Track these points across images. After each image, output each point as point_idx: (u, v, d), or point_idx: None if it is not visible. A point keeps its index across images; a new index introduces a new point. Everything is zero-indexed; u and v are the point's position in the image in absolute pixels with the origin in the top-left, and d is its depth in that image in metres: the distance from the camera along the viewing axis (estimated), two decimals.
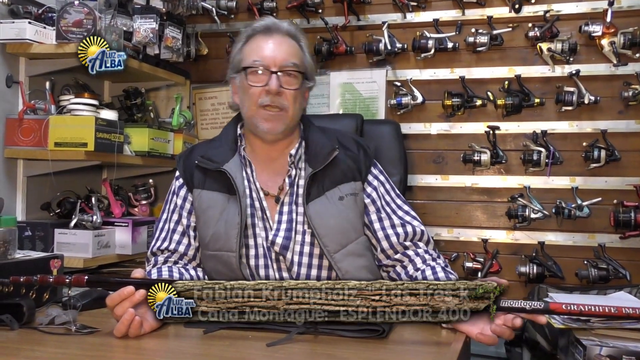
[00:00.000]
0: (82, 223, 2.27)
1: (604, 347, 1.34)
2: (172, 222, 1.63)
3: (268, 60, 1.53)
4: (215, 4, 2.99)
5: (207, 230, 1.56)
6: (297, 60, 1.56)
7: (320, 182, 1.55)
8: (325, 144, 1.59)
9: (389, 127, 2.25)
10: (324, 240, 1.51)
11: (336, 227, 1.52)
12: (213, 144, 1.67)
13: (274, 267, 1.54)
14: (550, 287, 2.42)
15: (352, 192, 1.57)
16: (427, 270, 1.49)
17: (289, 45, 1.57)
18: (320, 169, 1.54)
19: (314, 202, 1.53)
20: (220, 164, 1.56)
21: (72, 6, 2.22)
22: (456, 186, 2.80)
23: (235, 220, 1.51)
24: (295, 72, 1.54)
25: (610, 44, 2.57)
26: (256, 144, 1.61)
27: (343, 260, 1.52)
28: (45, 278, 1.23)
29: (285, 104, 1.53)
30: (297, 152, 1.60)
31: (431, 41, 2.76)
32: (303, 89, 1.59)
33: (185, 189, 1.63)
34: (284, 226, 1.55)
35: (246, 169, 1.60)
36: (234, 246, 1.51)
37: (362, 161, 1.61)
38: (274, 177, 1.60)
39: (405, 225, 1.57)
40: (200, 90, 3.12)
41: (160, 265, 1.58)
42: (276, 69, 1.52)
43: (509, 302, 1.12)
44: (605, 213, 2.59)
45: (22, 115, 2.25)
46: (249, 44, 1.59)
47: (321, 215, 1.52)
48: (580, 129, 2.65)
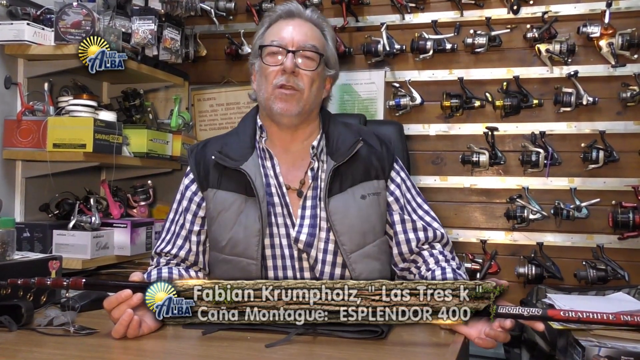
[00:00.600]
0: (81, 224, 2.27)
1: (603, 347, 1.34)
2: (177, 224, 1.59)
3: (286, 40, 1.50)
4: (214, 6, 2.99)
5: (223, 233, 1.50)
6: (317, 43, 1.52)
7: (343, 178, 1.51)
8: (347, 136, 1.55)
9: (392, 128, 2.23)
10: (341, 238, 1.47)
11: (356, 227, 1.49)
12: (230, 138, 1.60)
13: (295, 267, 1.49)
14: (549, 288, 2.42)
15: (375, 192, 1.53)
16: (437, 270, 1.46)
17: (309, 29, 1.54)
18: (343, 162, 1.50)
19: (335, 198, 1.48)
20: (240, 161, 1.50)
21: (70, 7, 2.22)
22: (455, 187, 2.80)
23: (255, 227, 1.46)
24: (313, 53, 1.50)
25: (609, 45, 2.57)
26: (274, 133, 1.56)
27: (359, 261, 1.48)
28: (43, 281, 1.23)
29: (301, 85, 1.48)
30: (319, 144, 1.55)
31: (430, 42, 2.76)
32: (323, 75, 1.55)
33: (195, 186, 1.56)
34: (307, 222, 1.50)
35: (266, 162, 1.54)
36: (255, 254, 1.46)
37: (386, 158, 1.57)
38: (294, 170, 1.55)
39: (427, 230, 1.54)
40: (198, 91, 3.12)
41: (161, 266, 1.57)
42: (293, 49, 1.49)
43: (507, 308, 1.12)
44: (604, 214, 2.59)
45: (20, 117, 2.25)
46: (271, 27, 1.56)
47: (341, 211, 1.48)
48: (578, 130, 2.65)
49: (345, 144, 1.53)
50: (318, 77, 1.52)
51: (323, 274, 1.49)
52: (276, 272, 1.49)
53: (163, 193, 2.87)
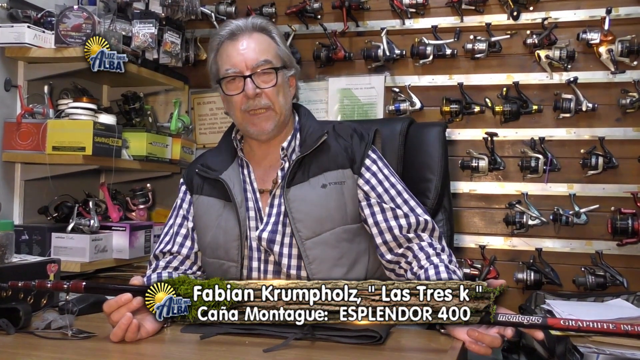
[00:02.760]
0: (80, 227, 2.26)
1: (601, 354, 1.35)
2: (176, 225, 1.64)
3: (239, 65, 1.53)
4: (215, 10, 2.99)
5: (204, 236, 1.57)
6: (269, 56, 1.55)
7: (306, 168, 1.53)
8: (315, 129, 1.58)
9: (436, 130, 2.01)
10: (297, 225, 1.49)
11: (312, 214, 1.50)
12: (214, 151, 1.69)
13: (260, 269, 1.53)
14: (547, 294, 2.42)
15: (338, 181, 1.53)
16: (430, 269, 1.43)
17: (257, 43, 1.55)
18: (307, 153, 1.53)
19: (295, 187, 1.52)
20: (219, 172, 1.57)
21: (71, 10, 2.22)
22: (454, 192, 2.80)
23: (234, 232, 1.52)
24: (268, 69, 1.53)
25: (608, 52, 2.58)
26: (253, 143, 1.62)
27: (314, 248, 1.49)
28: (44, 283, 1.23)
29: (268, 103, 1.53)
30: (289, 144, 1.59)
31: (430, 47, 2.76)
32: (285, 80, 1.58)
33: (188, 194, 1.66)
34: (272, 219, 1.54)
35: (243, 170, 1.60)
36: (236, 257, 1.52)
37: (356, 148, 1.57)
38: (269, 171, 1.60)
39: (409, 216, 1.52)
40: (198, 95, 3.12)
41: (161, 270, 1.58)
42: (249, 72, 1.52)
43: (507, 316, 1.12)
44: (603, 220, 2.59)
45: (20, 119, 2.25)
46: (220, 53, 1.59)
47: (300, 199, 1.51)
48: (578, 136, 2.65)
49: (313, 137, 1.56)
50: (281, 86, 1.56)
51: (290, 269, 1.51)
52: (250, 273, 1.53)
53: (162, 196, 2.87)
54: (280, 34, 1.63)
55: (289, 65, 1.61)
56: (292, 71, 1.62)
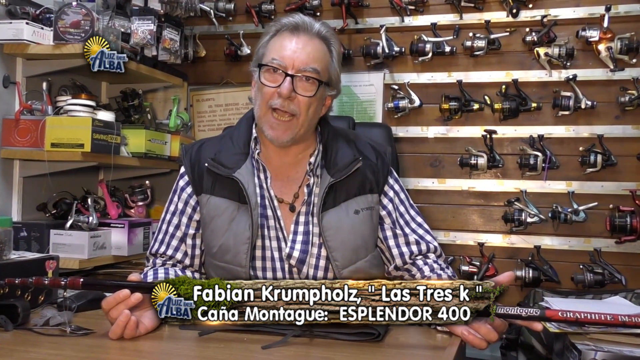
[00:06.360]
0: (78, 224, 2.26)
1: (599, 351, 1.34)
2: (171, 225, 1.57)
3: (287, 60, 1.42)
4: (214, 6, 2.99)
5: (214, 240, 1.50)
6: (320, 66, 1.45)
7: (338, 192, 1.48)
8: (346, 152, 1.51)
9: (380, 131, 2.23)
10: (334, 254, 1.45)
11: (348, 243, 1.47)
12: (224, 144, 1.55)
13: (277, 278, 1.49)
14: (545, 291, 2.42)
15: (368, 206, 1.50)
16: (432, 277, 1.46)
17: (314, 49, 1.45)
18: (340, 179, 1.47)
19: (328, 213, 1.46)
20: (232, 169, 1.47)
21: (69, 7, 2.22)
22: (453, 190, 2.81)
23: (245, 235, 1.45)
24: (313, 78, 1.43)
25: (607, 49, 2.58)
26: (270, 147, 1.51)
27: (350, 276, 1.44)
28: (41, 280, 1.22)
29: (297, 111, 1.43)
30: (315, 160, 1.52)
31: (429, 45, 2.76)
32: (322, 97, 1.48)
33: (190, 189, 1.55)
34: (300, 238, 1.48)
35: (259, 174, 1.52)
36: (244, 261, 1.46)
37: (380, 171, 1.54)
38: (289, 184, 1.52)
39: (420, 243, 1.53)
40: (197, 92, 3.12)
41: (158, 267, 1.57)
42: (292, 72, 1.42)
43: (505, 308, 1.12)
44: (601, 218, 2.59)
45: (18, 116, 2.24)
46: (274, 39, 1.48)
47: (334, 227, 1.46)
48: (576, 134, 2.66)
49: (344, 160, 1.50)
50: (316, 100, 1.46)
51: None
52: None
53: (161, 193, 2.86)
54: (339, 52, 1.53)
55: (334, 85, 1.51)
56: (333, 92, 1.53)
